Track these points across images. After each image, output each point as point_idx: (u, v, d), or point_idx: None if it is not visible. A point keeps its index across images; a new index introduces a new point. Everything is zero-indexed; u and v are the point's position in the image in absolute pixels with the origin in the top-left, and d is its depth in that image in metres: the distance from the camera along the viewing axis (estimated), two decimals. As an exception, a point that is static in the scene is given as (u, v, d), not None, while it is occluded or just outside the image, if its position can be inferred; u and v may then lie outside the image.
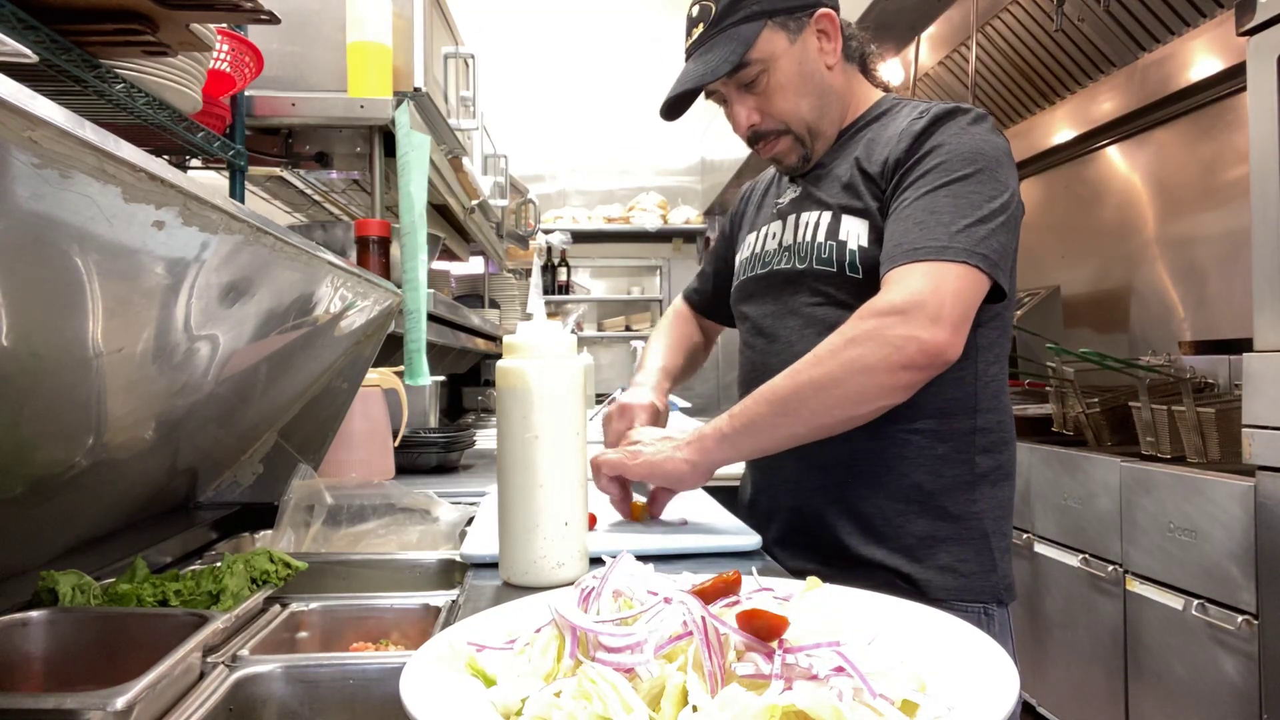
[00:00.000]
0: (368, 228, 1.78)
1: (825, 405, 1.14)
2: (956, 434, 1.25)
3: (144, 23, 0.95)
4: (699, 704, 0.54)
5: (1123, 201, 3.56)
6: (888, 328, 1.10)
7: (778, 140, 1.35)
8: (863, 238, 1.25)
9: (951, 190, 1.17)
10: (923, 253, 1.13)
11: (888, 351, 1.10)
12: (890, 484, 1.26)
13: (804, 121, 1.33)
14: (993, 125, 1.25)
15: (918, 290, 1.11)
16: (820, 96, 1.33)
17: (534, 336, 1.00)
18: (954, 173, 1.18)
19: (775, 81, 1.30)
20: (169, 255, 0.79)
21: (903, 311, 1.11)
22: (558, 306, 5.51)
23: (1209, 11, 2.84)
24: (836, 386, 1.13)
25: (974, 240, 1.13)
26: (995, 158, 1.20)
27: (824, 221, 1.30)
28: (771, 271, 1.37)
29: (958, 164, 1.18)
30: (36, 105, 0.51)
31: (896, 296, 1.12)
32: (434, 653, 0.66)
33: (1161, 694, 2.32)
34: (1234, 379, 2.70)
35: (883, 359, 1.10)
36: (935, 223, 1.15)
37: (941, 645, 0.66)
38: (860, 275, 1.25)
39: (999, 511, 1.27)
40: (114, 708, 0.66)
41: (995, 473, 1.28)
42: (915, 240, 1.15)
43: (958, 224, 1.14)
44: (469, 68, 2.50)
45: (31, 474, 0.90)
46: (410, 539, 1.40)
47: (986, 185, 1.17)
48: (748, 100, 1.33)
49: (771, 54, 1.29)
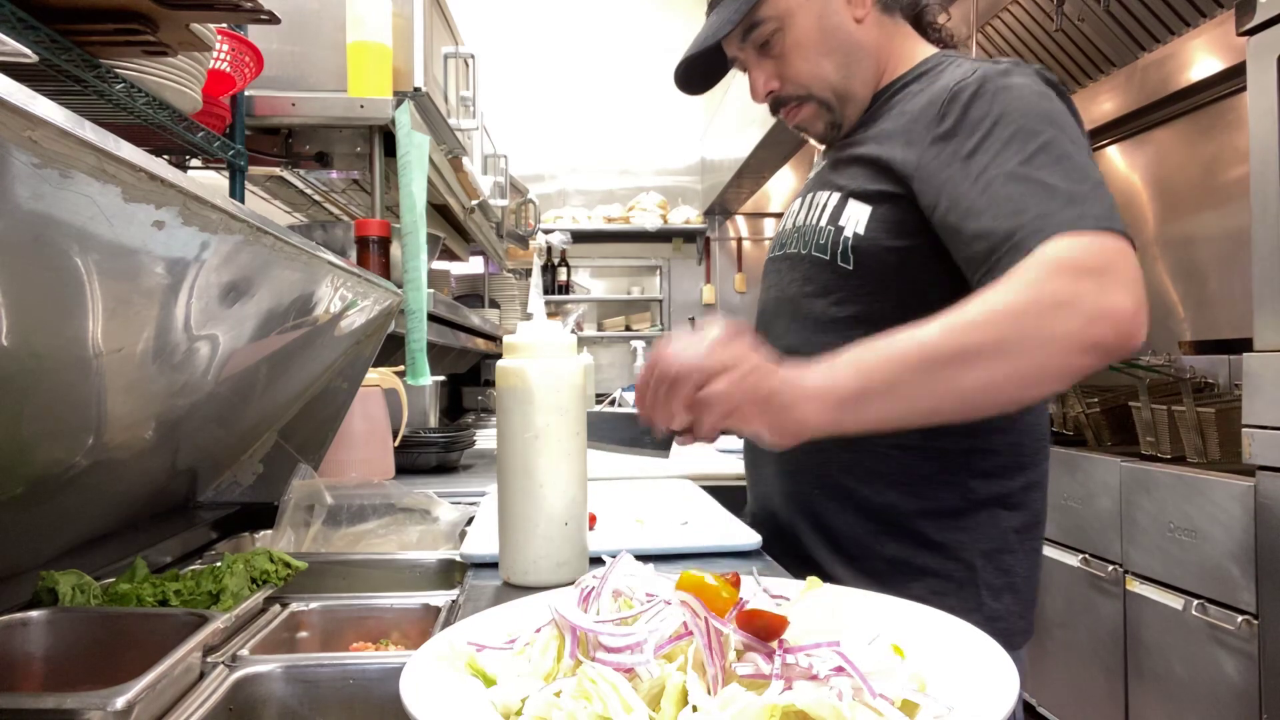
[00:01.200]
0: (368, 228, 1.78)
1: (990, 380, 0.88)
2: (948, 454, 1.10)
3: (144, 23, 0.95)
4: (699, 704, 0.54)
5: (1123, 201, 3.56)
6: (1086, 293, 0.85)
7: (800, 107, 1.21)
8: (861, 224, 1.11)
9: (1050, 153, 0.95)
10: (1079, 220, 0.89)
11: (1081, 324, 0.84)
12: (862, 501, 1.13)
13: (828, 84, 1.18)
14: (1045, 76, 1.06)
15: (1106, 251, 0.87)
16: (846, 54, 1.17)
17: (534, 336, 1.00)
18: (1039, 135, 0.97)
19: (793, 40, 1.16)
20: (169, 255, 0.79)
21: (1102, 272, 0.86)
22: (558, 306, 5.51)
23: (1209, 11, 2.83)
24: (1008, 358, 0.87)
25: (1108, 206, 0.92)
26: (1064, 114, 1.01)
27: (831, 203, 1.16)
28: (784, 254, 1.25)
29: (1038, 124, 0.98)
30: (36, 105, 0.51)
31: (1084, 255, 0.87)
32: (434, 652, 0.66)
33: (1161, 694, 2.32)
34: (1234, 379, 2.70)
35: (1073, 333, 0.85)
36: (1056, 191, 0.92)
37: (941, 645, 0.66)
38: (851, 267, 1.11)
39: (996, 545, 1.11)
40: (114, 708, 0.66)
41: (998, 501, 1.11)
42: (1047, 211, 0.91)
43: (1081, 190, 0.92)
44: (469, 68, 2.50)
45: (31, 474, 0.90)
46: (410, 539, 1.40)
47: (1080, 145, 0.98)
48: (765, 64, 1.19)
49: (787, 9, 1.15)
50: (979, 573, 1.10)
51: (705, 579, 0.61)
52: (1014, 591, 1.12)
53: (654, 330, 5.83)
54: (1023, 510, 1.13)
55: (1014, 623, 1.12)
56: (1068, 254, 0.87)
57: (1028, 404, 1.01)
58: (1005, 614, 1.11)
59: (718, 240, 6.01)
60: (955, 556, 1.10)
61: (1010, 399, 0.95)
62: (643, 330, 5.81)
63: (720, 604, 0.59)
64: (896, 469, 1.12)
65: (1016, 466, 1.12)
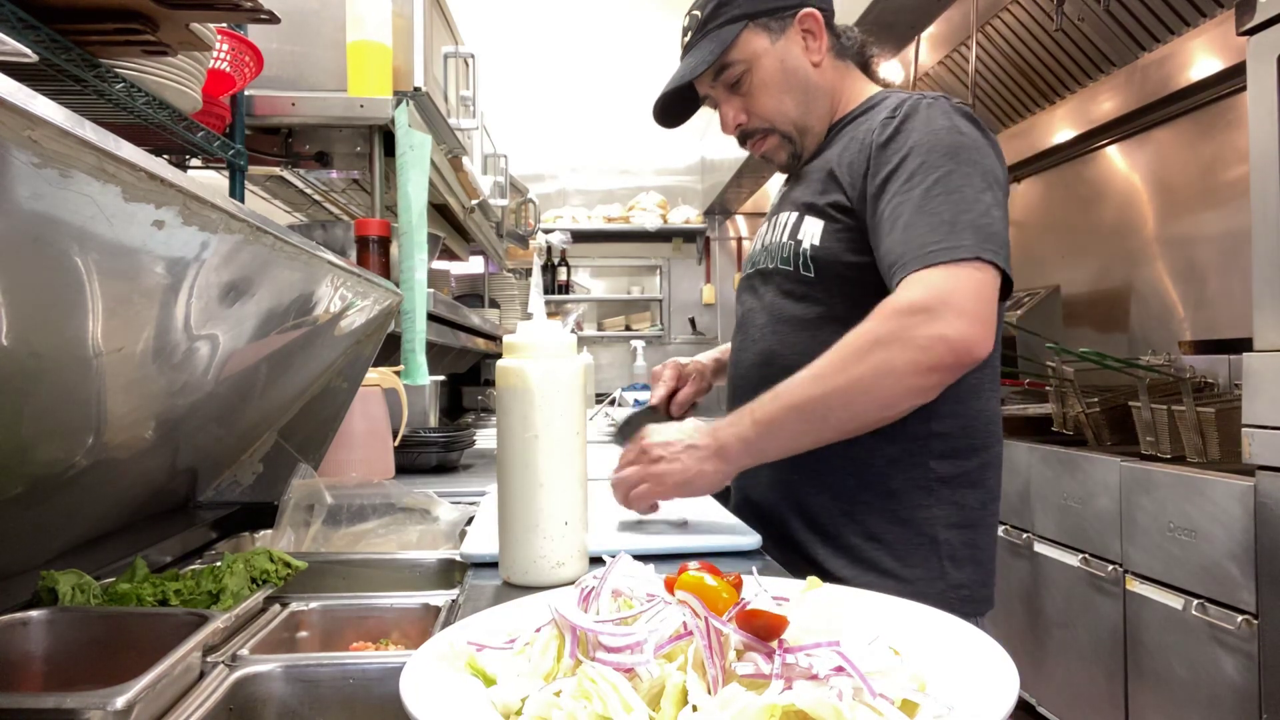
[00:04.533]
0: (367, 227, 1.78)
1: (853, 412, 1.13)
2: (908, 437, 1.23)
3: (144, 22, 0.95)
4: (699, 704, 0.54)
5: (1123, 201, 3.56)
6: (913, 327, 1.07)
7: (765, 139, 1.38)
8: (815, 237, 1.27)
9: (942, 186, 1.14)
10: (935, 254, 1.10)
11: (914, 354, 1.07)
12: (835, 483, 1.27)
13: (790, 119, 1.35)
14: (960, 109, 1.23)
15: (940, 287, 1.08)
16: (805, 93, 1.35)
17: (534, 336, 1.00)
18: (938, 169, 1.15)
19: (759, 80, 1.33)
20: (169, 255, 0.79)
21: (928, 309, 1.07)
22: (558, 306, 5.51)
23: (1209, 11, 2.84)
24: (864, 394, 1.10)
25: (981, 236, 1.11)
26: (973, 144, 1.18)
27: (791, 222, 1.33)
28: (755, 271, 1.42)
29: (939, 159, 1.16)
30: (36, 105, 0.51)
31: (918, 294, 1.09)
32: (434, 652, 0.66)
33: (1161, 694, 2.33)
34: (1234, 379, 2.70)
35: (910, 362, 1.07)
36: (936, 223, 1.12)
37: (941, 645, 0.66)
38: (813, 274, 1.27)
39: (956, 519, 1.24)
40: (114, 707, 0.66)
41: (957, 479, 1.25)
42: (923, 242, 1.12)
43: (960, 221, 1.12)
44: (469, 67, 2.50)
45: (31, 474, 0.90)
46: (410, 539, 1.40)
47: (974, 176, 1.15)
48: (734, 101, 1.36)
49: (753, 53, 1.32)
50: (942, 545, 1.24)
51: (705, 579, 0.61)
52: (976, 563, 1.26)
53: (654, 330, 5.83)
54: (980, 488, 1.27)
55: (976, 591, 1.26)
56: (910, 292, 1.09)
57: (897, 417, 1.16)
58: (969, 583, 1.25)
59: (718, 240, 6.01)
60: (920, 531, 1.24)
61: (877, 419, 1.15)
62: (643, 330, 5.81)
63: (720, 604, 0.59)
64: (865, 452, 1.24)
65: (970, 449, 1.27)
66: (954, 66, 3.96)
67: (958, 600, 1.23)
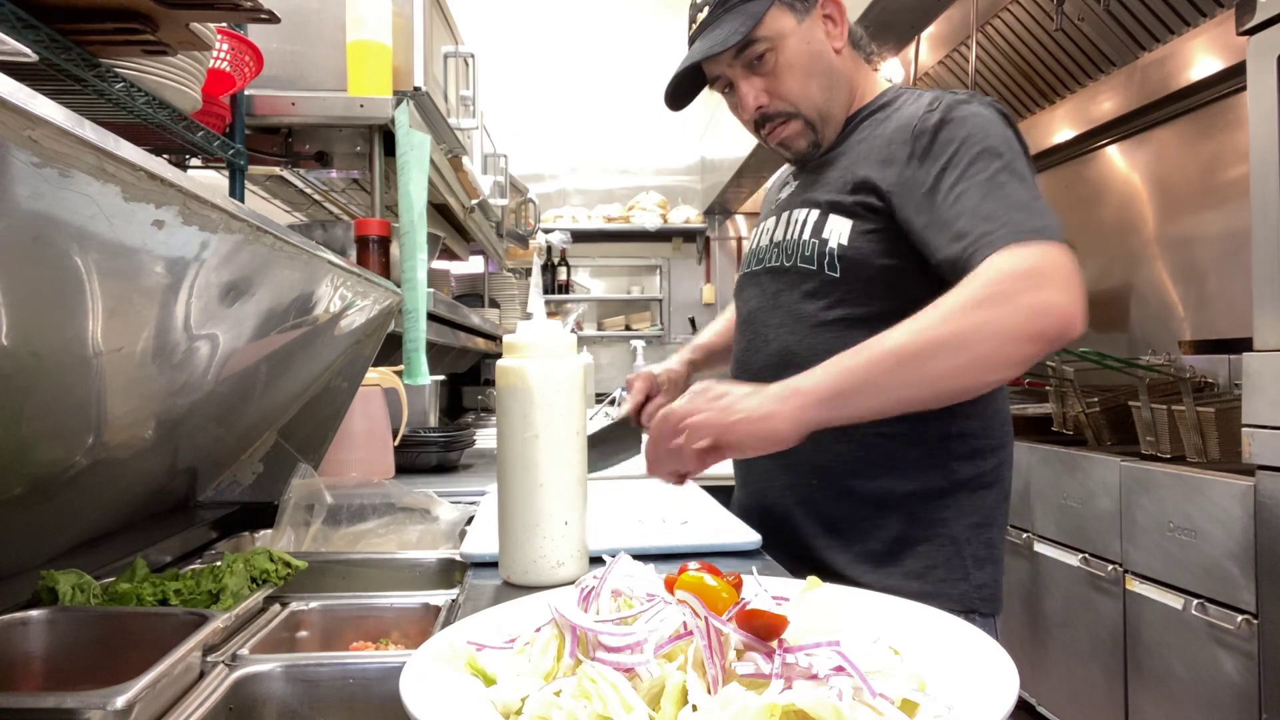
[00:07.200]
0: (368, 227, 1.78)
1: (951, 368, 1.02)
2: (930, 439, 1.22)
3: (144, 22, 0.94)
4: (699, 703, 0.54)
5: (1123, 201, 3.56)
6: (1023, 292, 1.00)
7: (786, 124, 1.31)
8: (844, 236, 1.23)
9: (1009, 173, 1.10)
10: (1028, 232, 1.03)
11: (1023, 318, 1.00)
12: (858, 488, 1.24)
13: (814, 104, 1.29)
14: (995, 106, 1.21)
15: (1044, 258, 1.02)
16: (829, 78, 1.29)
17: (534, 335, 1.00)
18: (1000, 157, 1.11)
19: (784, 60, 1.26)
20: (169, 254, 0.79)
21: (1040, 275, 1.01)
22: (558, 306, 5.51)
23: (1209, 11, 2.83)
24: (964, 349, 1.01)
25: (1058, 224, 1.06)
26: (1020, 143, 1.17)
27: (811, 219, 1.28)
28: (764, 268, 1.36)
29: (999, 147, 1.12)
30: (36, 104, 0.51)
31: (1025, 261, 1.01)
32: (434, 652, 0.66)
33: (1161, 693, 2.33)
34: (1234, 378, 2.70)
35: (1017, 325, 1.00)
36: (1015, 204, 1.07)
37: (941, 645, 0.66)
38: (838, 274, 1.23)
39: (977, 519, 1.23)
40: (114, 707, 0.66)
41: (975, 480, 1.24)
42: (1009, 219, 1.05)
43: (1036, 206, 1.07)
44: (469, 67, 2.50)
45: (31, 474, 0.90)
46: (410, 538, 1.40)
47: (1029, 172, 1.12)
48: (755, 81, 1.28)
49: (779, 32, 1.25)
50: (964, 546, 1.22)
51: (705, 579, 0.61)
52: (993, 562, 1.25)
53: (654, 330, 5.83)
54: (996, 487, 1.26)
55: (995, 590, 1.25)
56: (1014, 260, 1.02)
57: (987, 388, 1.12)
58: (989, 582, 1.24)
59: (718, 240, 6.00)
60: (942, 533, 1.22)
61: (971, 384, 1.08)
62: (642, 330, 5.81)
63: (720, 604, 0.59)
64: (886, 456, 1.23)
65: (988, 449, 1.25)
66: (954, 66, 3.96)
67: (980, 600, 1.22)
